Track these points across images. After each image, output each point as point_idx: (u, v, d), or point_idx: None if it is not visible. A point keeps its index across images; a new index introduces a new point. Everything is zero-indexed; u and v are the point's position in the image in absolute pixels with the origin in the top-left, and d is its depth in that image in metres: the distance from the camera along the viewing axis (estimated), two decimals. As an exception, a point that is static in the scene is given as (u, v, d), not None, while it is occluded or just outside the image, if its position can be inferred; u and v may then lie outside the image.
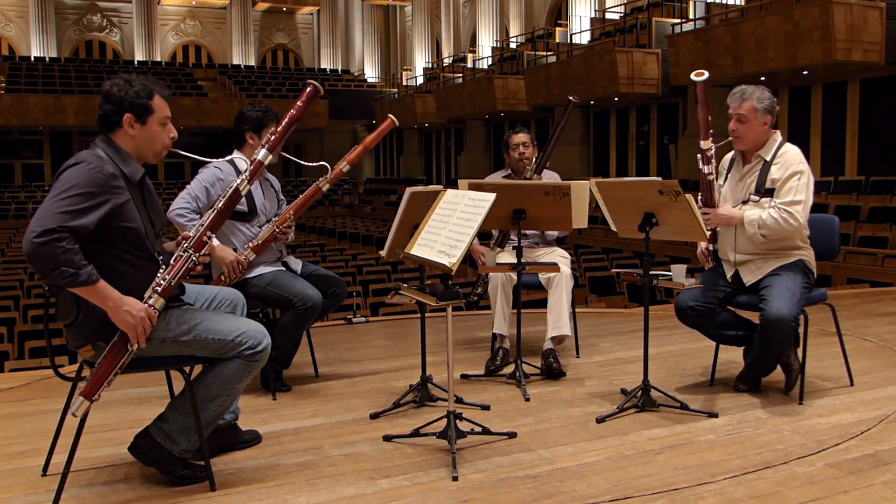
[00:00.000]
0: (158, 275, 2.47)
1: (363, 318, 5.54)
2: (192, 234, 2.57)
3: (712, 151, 3.33)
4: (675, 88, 14.95)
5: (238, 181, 2.70)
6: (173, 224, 3.46)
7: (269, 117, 3.62)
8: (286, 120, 2.92)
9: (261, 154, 2.82)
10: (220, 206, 2.65)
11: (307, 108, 2.95)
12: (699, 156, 3.34)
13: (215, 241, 3.39)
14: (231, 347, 2.54)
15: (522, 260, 3.61)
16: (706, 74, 3.26)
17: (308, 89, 2.98)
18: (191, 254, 2.52)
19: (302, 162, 3.57)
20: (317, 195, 3.66)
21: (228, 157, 3.59)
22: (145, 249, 2.47)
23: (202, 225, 2.58)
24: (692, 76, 3.28)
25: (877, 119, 12.66)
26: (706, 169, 3.33)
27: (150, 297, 2.43)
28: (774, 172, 3.34)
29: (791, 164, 3.32)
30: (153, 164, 2.62)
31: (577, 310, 4.35)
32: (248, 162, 3.56)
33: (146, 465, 2.59)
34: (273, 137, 2.86)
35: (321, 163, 3.58)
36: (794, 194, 3.28)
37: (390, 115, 3.77)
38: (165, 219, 2.77)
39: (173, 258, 2.52)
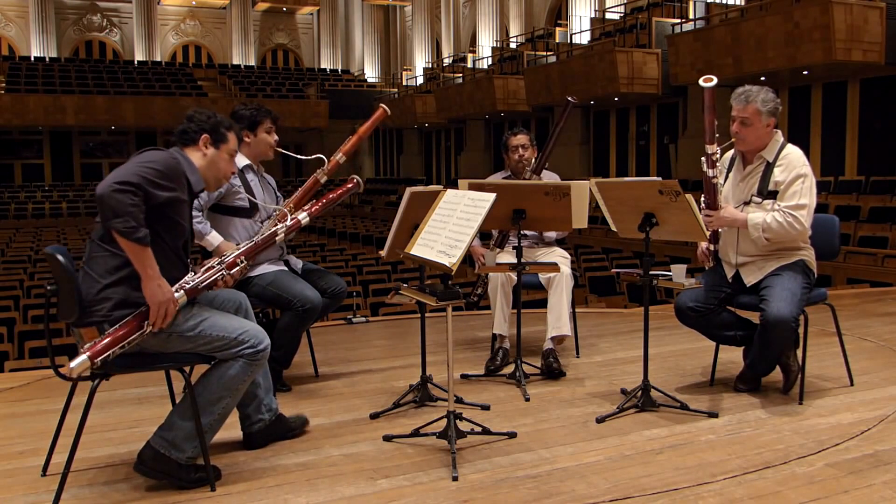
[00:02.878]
0: (187, 277, 2.59)
1: (363, 318, 5.54)
2: (228, 253, 2.79)
3: (717, 155, 3.32)
4: (675, 88, 14.95)
5: (279, 227, 3.04)
6: None
7: (262, 115, 3.63)
8: (326, 200, 3.30)
9: (301, 216, 3.14)
10: (258, 239, 2.95)
11: (345, 196, 3.39)
12: (704, 159, 3.33)
13: (218, 238, 3.42)
14: (234, 345, 2.57)
15: (522, 260, 3.61)
16: (715, 80, 3.23)
17: (352, 183, 3.41)
18: (222, 268, 2.69)
19: (298, 156, 3.62)
20: (315, 187, 3.67)
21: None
22: (181, 250, 2.60)
23: (238, 248, 2.85)
24: (700, 82, 3.26)
25: (877, 119, 12.67)
26: (710, 172, 3.33)
27: (176, 290, 2.51)
28: (778, 174, 3.33)
29: (795, 166, 3.31)
30: (211, 191, 2.91)
31: (577, 310, 4.35)
32: (247, 160, 3.61)
33: (156, 479, 2.56)
34: (315, 208, 3.21)
35: (318, 155, 3.63)
36: (799, 198, 3.27)
37: (382, 105, 3.80)
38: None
39: (205, 267, 2.68)
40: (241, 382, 2.61)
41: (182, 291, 2.53)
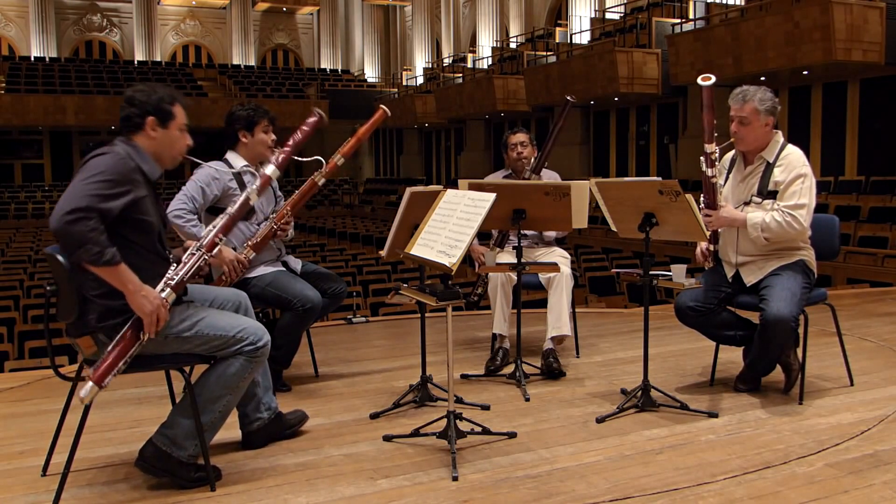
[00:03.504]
0: (170, 271, 2.53)
1: (363, 318, 5.54)
2: (204, 235, 2.67)
3: (716, 155, 3.33)
4: (675, 88, 14.95)
5: (249, 191, 2.84)
6: (171, 225, 3.46)
7: (259, 114, 3.62)
8: (292, 142, 3.08)
9: (269, 170, 2.93)
10: (232, 211, 2.77)
11: (312, 133, 3.16)
12: (702, 158, 3.33)
13: None
14: (232, 343, 2.56)
15: (522, 260, 3.61)
16: (713, 79, 3.23)
17: (314, 116, 3.15)
18: (203, 253, 2.61)
19: (297, 157, 3.59)
20: (313, 189, 3.66)
21: (223, 160, 3.61)
22: (157, 246, 2.54)
23: (214, 227, 2.70)
24: (699, 80, 3.26)
25: (877, 119, 12.67)
26: (709, 172, 3.33)
27: (162, 290, 2.47)
28: (778, 175, 3.33)
29: (795, 166, 3.31)
30: (170, 168, 2.71)
31: (577, 310, 4.35)
32: (245, 161, 3.61)
33: (156, 476, 2.56)
34: (282, 157, 3.00)
35: (316, 157, 3.60)
36: (799, 198, 3.27)
37: (382, 106, 3.78)
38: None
39: (185, 256, 2.60)
40: (241, 380, 2.60)
41: (168, 289, 2.48)
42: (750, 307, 3.40)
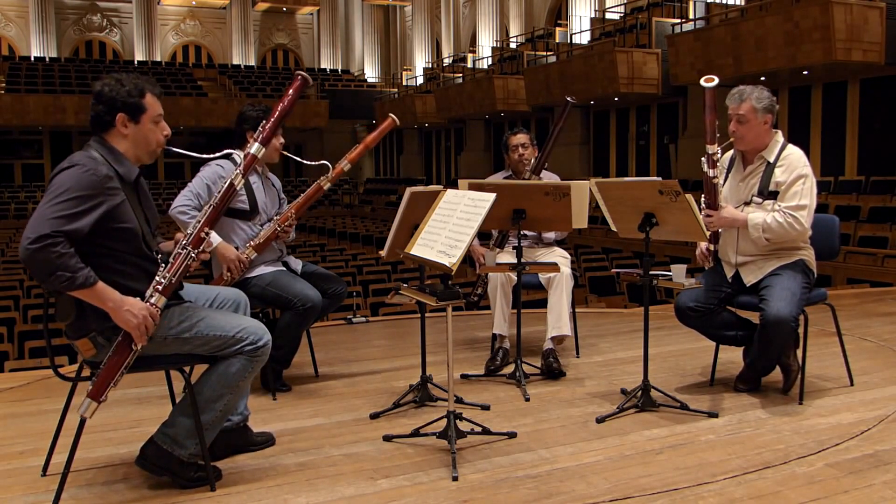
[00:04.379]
0: (158, 273, 2.47)
1: (363, 318, 5.54)
2: (189, 231, 2.56)
3: (718, 155, 3.33)
4: (675, 88, 14.95)
5: (232, 174, 2.68)
6: (176, 222, 3.46)
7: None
8: (276, 112, 2.85)
9: (254, 148, 2.75)
10: (215, 201, 2.62)
11: (297, 98, 2.89)
12: (704, 159, 3.33)
13: (217, 239, 3.40)
14: (232, 343, 2.54)
15: (522, 260, 3.61)
16: (716, 80, 3.24)
17: (297, 80, 2.89)
18: (189, 250, 2.52)
19: (303, 161, 3.59)
20: (318, 194, 3.68)
21: (226, 152, 3.58)
22: (143, 249, 2.48)
23: (199, 221, 2.57)
24: (701, 82, 3.26)
25: (877, 119, 12.67)
26: (711, 172, 3.33)
27: (151, 295, 2.43)
28: (779, 175, 3.33)
29: (796, 167, 3.32)
30: (149, 163, 2.61)
31: (577, 310, 4.35)
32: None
33: (157, 475, 2.56)
34: (265, 131, 2.79)
35: (322, 162, 3.60)
36: (800, 199, 3.27)
37: (391, 115, 3.78)
38: (159, 218, 2.74)
39: (172, 256, 2.52)
40: (241, 379, 2.58)
41: (157, 294, 2.42)
42: (750, 307, 3.40)
